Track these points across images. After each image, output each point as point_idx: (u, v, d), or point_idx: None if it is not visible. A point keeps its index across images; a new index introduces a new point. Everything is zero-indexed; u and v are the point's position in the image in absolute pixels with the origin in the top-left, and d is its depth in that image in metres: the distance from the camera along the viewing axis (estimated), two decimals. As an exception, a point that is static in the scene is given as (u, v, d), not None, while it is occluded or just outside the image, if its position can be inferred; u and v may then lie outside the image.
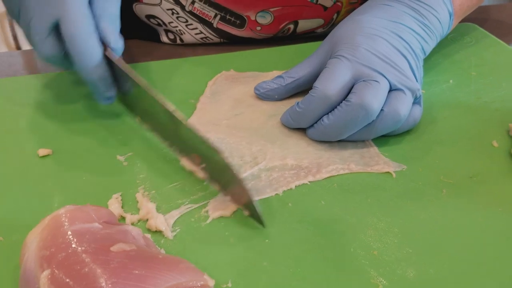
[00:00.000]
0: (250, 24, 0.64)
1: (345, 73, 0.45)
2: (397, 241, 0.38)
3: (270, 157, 0.46)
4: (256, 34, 0.66)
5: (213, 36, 0.66)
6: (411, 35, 0.49)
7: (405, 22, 0.50)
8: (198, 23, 0.64)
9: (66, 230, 0.32)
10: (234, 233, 0.39)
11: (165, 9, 0.64)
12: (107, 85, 0.47)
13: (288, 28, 0.66)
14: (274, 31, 0.65)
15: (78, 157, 0.46)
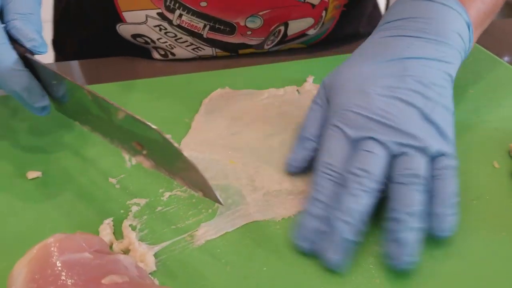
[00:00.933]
0: (240, 30, 0.63)
1: (339, 144, 0.41)
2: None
3: (267, 179, 0.44)
4: (248, 39, 0.65)
5: (204, 46, 0.65)
6: (421, 64, 0.43)
7: (412, 53, 0.43)
8: (188, 35, 0.63)
9: (55, 261, 0.31)
10: (230, 260, 0.37)
11: (151, 27, 0.62)
12: (36, 94, 0.43)
13: (278, 30, 0.65)
14: (265, 34, 0.65)
15: (69, 179, 0.45)
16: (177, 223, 0.40)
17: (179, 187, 0.44)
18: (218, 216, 0.41)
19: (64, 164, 0.46)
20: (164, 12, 0.61)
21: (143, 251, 0.37)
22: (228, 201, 0.42)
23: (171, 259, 0.37)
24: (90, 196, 0.43)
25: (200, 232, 0.39)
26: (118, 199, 0.42)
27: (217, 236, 0.39)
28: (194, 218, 0.41)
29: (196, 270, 0.36)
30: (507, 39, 0.75)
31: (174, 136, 0.50)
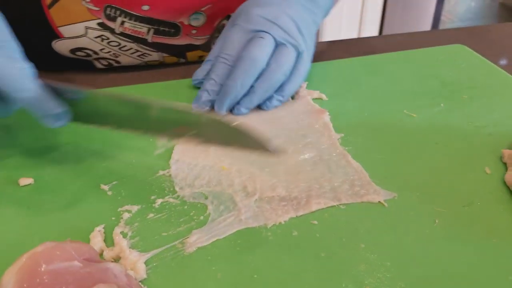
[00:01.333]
0: (185, 30, 0.63)
1: (236, 34, 0.54)
2: (390, 275, 0.37)
3: (259, 186, 0.44)
4: (194, 39, 0.65)
5: (150, 51, 0.64)
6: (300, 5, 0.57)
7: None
8: (132, 42, 0.62)
9: (43, 270, 0.31)
10: (220, 268, 0.37)
11: (92, 38, 0.61)
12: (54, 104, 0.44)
13: (222, 25, 0.65)
14: (209, 31, 0.65)
15: (61, 186, 0.45)
16: (169, 230, 0.40)
17: (171, 193, 0.44)
18: (209, 223, 0.41)
19: (56, 171, 0.46)
20: (105, 21, 0.59)
21: (133, 259, 0.37)
22: (220, 208, 0.42)
23: (162, 266, 0.37)
24: (81, 203, 0.43)
25: (191, 239, 0.39)
26: (110, 206, 0.42)
27: (208, 243, 0.39)
28: (186, 225, 0.41)
29: (187, 278, 0.36)
30: (503, 43, 0.75)
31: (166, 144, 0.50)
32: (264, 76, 0.53)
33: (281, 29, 0.54)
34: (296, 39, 0.54)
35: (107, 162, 0.47)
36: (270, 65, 0.53)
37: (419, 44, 0.72)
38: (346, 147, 0.49)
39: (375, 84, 0.61)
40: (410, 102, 0.57)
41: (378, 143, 0.50)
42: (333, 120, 0.53)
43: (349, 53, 0.70)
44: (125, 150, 0.49)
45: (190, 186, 0.44)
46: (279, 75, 0.53)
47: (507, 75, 0.63)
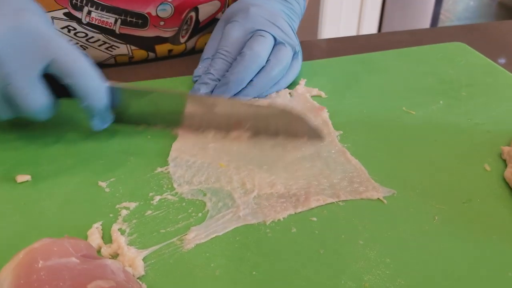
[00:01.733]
0: (152, 21, 0.63)
1: (237, 32, 0.55)
2: (389, 272, 0.36)
3: (258, 182, 0.44)
4: (162, 31, 0.64)
5: (118, 43, 0.64)
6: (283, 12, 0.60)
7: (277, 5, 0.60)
8: (99, 33, 0.62)
9: (40, 266, 0.31)
10: (219, 264, 0.37)
11: (59, 29, 0.60)
12: (110, 111, 0.48)
13: (190, 17, 0.65)
14: (177, 23, 0.65)
15: (58, 183, 0.44)
16: (167, 227, 0.40)
17: (169, 190, 0.43)
18: (208, 220, 0.41)
19: (54, 168, 0.46)
20: (71, 11, 0.59)
21: (131, 256, 0.37)
22: (218, 205, 0.42)
23: (160, 263, 0.37)
24: (79, 200, 0.42)
25: (189, 236, 0.39)
26: (108, 203, 0.42)
27: (207, 240, 0.39)
28: (184, 221, 0.40)
29: (185, 275, 0.36)
30: (502, 41, 0.75)
31: (164, 141, 0.49)
32: (264, 71, 0.54)
33: (280, 29, 0.56)
34: (293, 40, 0.57)
35: (105, 159, 0.47)
36: (270, 60, 0.54)
37: (418, 41, 0.72)
38: (345, 144, 0.49)
39: (374, 81, 0.61)
40: (409, 100, 0.57)
41: (377, 140, 0.50)
42: (332, 117, 0.53)
43: (348, 51, 0.70)
44: (123, 147, 0.49)
45: (189, 183, 0.44)
46: (278, 71, 0.55)
47: (506, 73, 0.63)
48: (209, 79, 0.54)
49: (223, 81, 0.54)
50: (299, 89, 0.58)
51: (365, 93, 0.59)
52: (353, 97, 0.58)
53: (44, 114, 0.45)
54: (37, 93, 0.43)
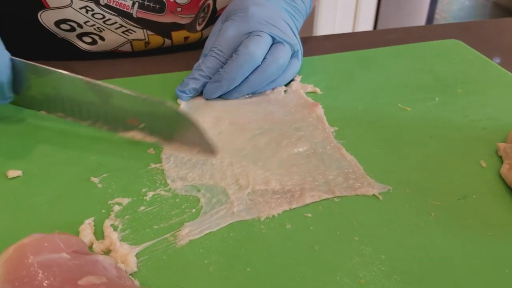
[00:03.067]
0: (170, 7, 0.62)
1: (233, 32, 0.54)
2: (384, 268, 0.36)
3: (252, 179, 0.44)
4: (179, 17, 0.64)
5: (135, 27, 0.63)
6: (285, 11, 0.59)
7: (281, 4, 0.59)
8: (117, 16, 0.61)
9: (30, 262, 0.30)
10: (213, 261, 0.36)
11: (77, 9, 0.60)
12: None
13: (208, 5, 0.65)
14: (195, 10, 0.64)
15: (50, 178, 0.44)
16: (160, 223, 0.39)
17: (162, 186, 0.43)
18: (201, 216, 0.40)
19: (46, 163, 0.45)
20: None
21: (124, 252, 0.36)
22: (212, 201, 0.42)
23: (153, 259, 0.36)
24: (71, 196, 0.42)
25: (183, 232, 0.39)
26: (100, 199, 0.41)
27: (200, 236, 0.38)
28: (178, 217, 0.40)
29: (178, 271, 0.36)
30: (497, 39, 0.75)
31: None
32: (259, 69, 0.54)
33: (278, 29, 0.55)
34: (292, 39, 0.56)
35: (98, 154, 0.46)
36: (266, 59, 0.54)
37: (413, 39, 0.72)
38: (341, 141, 0.49)
39: (369, 78, 0.61)
40: (404, 96, 0.57)
41: (373, 136, 0.50)
42: (327, 114, 0.53)
43: (343, 48, 0.69)
44: (115, 142, 0.48)
45: (182, 179, 0.44)
46: (274, 69, 0.54)
47: (501, 70, 0.63)
48: (199, 75, 0.54)
49: (216, 77, 0.53)
50: (294, 86, 0.58)
51: (360, 89, 0.58)
52: (348, 94, 0.57)
53: None
54: None
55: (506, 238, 0.39)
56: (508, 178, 0.44)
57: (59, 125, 0.50)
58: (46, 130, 0.49)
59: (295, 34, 0.57)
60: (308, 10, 0.65)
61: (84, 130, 0.49)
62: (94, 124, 0.48)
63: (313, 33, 1.89)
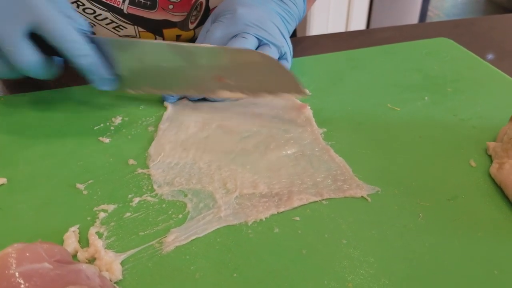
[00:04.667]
0: (161, 4, 0.62)
1: (220, 33, 0.54)
2: (373, 271, 0.36)
3: (240, 182, 0.43)
4: (170, 14, 0.64)
5: (125, 24, 0.63)
6: (276, 13, 0.58)
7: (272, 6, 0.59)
8: (107, 11, 0.61)
9: (12, 272, 0.29)
10: (199, 267, 0.36)
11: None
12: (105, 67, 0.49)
13: (200, 3, 0.65)
14: (187, 8, 0.64)
15: (35, 185, 0.43)
16: (146, 229, 0.39)
17: (149, 192, 0.42)
18: (188, 221, 0.40)
19: (31, 170, 0.45)
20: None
21: (109, 259, 0.36)
22: (199, 205, 0.41)
23: (138, 267, 0.36)
24: (56, 203, 0.41)
25: (169, 238, 0.38)
26: (85, 206, 0.41)
27: (187, 241, 0.38)
28: (164, 223, 0.39)
29: (164, 278, 0.35)
30: (488, 36, 0.75)
31: (144, 141, 0.49)
32: None
33: (265, 31, 0.55)
34: (279, 41, 0.55)
35: (83, 160, 0.46)
36: None
37: (405, 37, 0.71)
38: (329, 142, 0.49)
39: (359, 78, 0.60)
40: (394, 96, 0.56)
41: (362, 137, 0.50)
42: (316, 115, 0.52)
43: (335, 47, 0.69)
44: (101, 148, 0.47)
45: (169, 184, 0.43)
46: None
47: (491, 68, 0.62)
48: None
49: None
50: (283, 87, 0.57)
51: (349, 90, 0.58)
52: (337, 94, 0.57)
53: (39, 71, 0.48)
54: (23, 51, 0.46)
55: (496, 239, 0.38)
56: (497, 178, 0.43)
57: (44, 132, 0.49)
58: (31, 137, 0.49)
59: (284, 37, 0.57)
60: (302, 14, 0.64)
61: (69, 136, 0.49)
62: (182, 90, 0.51)
63: (306, 32, 1.89)
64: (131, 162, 0.46)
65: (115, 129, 0.50)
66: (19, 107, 0.53)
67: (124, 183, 0.43)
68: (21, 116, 0.52)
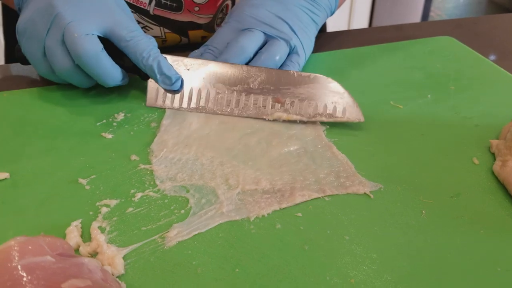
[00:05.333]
0: (187, 5, 0.63)
1: (227, 31, 0.55)
2: (375, 267, 0.36)
3: (242, 178, 0.43)
4: (196, 16, 0.65)
5: (152, 25, 0.64)
6: (297, 8, 0.58)
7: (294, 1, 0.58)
8: (134, 12, 0.62)
9: (14, 265, 0.29)
10: (201, 262, 0.36)
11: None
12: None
13: (226, 5, 0.65)
14: (213, 10, 0.65)
15: (37, 180, 0.43)
16: (148, 224, 0.39)
17: (151, 187, 0.42)
18: (190, 217, 0.40)
19: (33, 165, 0.45)
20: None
21: (111, 254, 0.36)
22: (201, 201, 0.41)
23: (141, 261, 0.36)
24: (58, 198, 0.41)
25: (171, 233, 0.38)
26: (88, 201, 0.41)
27: (189, 237, 0.38)
28: (166, 219, 0.39)
29: (166, 273, 0.35)
30: (491, 35, 0.75)
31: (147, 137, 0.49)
32: (253, 63, 0.53)
33: (272, 27, 0.55)
34: (288, 34, 0.55)
35: (86, 156, 0.46)
36: (261, 54, 0.54)
37: (407, 36, 0.71)
38: (332, 139, 0.48)
39: (361, 76, 0.60)
40: (396, 94, 0.56)
41: (364, 134, 0.49)
42: (318, 112, 0.52)
43: (338, 45, 0.69)
44: (104, 144, 0.47)
45: (171, 179, 0.43)
46: (270, 64, 0.54)
47: (494, 66, 0.62)
48: None
49: None
50: (285, 84, 0.57)
51: (352, 87, 0.57)
52: (340, 92, 0.57)
53: (111, 79, 0.50)
54: (91, 44, 0.48)
55: (499, 236, 0.38)
56: (500, 175, 0.43)
57: (46, 127, 0.49)
58: (34, 132, 0.49)
59: (294, 31, 0.56)
60: (334, 6, 0.63)
61: (72, 131, 0.49)
62: (239, 112, 0.51)
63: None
64: (134, 157, 0.46)
65: (118, 125, 0.50)
66: (22, 103, 0.53)
67: (127, 179, 0.43)
68: (24, 112, 0.51)
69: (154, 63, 0.49)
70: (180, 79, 0.51)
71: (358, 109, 0.50)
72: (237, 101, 0.51)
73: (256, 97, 0.51)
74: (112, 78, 0.50)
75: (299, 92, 0.50)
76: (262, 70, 0.51)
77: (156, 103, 0.52)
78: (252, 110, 0.51)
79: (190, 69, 0.51)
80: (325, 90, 0.50)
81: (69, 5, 0.48)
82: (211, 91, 0.51)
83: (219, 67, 0.51)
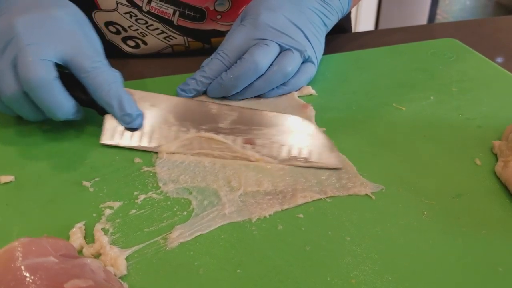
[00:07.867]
0: (210, 15, 0.64)
1: (241, 38, 0.53)
2: (376, 268, 0.36)
3: (244, 180, 0.44)
4: (219, 24, 0.65)
5: (176, 34, 0.65)
6: (311, 10, 0.57)
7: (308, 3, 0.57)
8: (158, 22, 0.63)
9: (17, 265, 0.30)
10: (203, 263, 0.36)
11: (122, 13, 0.62)
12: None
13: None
14: (234, 17, 0.65)
15: (42, 183, 0.44)
16: (151, 226, 0.39)
17: (154, 189, 0.43)
18: (193, 218, 0.40)
19: (38, 168, 0.45)
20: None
21: (114, 255, 0.36)
22: (204, 203, 0.41)
23: (143, 262, 0.36)
24: (62, 200, 0.42)
25: (174, 235, 0.38)
26: (91, 203, 0.41)
27: (191, 238, 0.38)
28: (169, 220, 0.40)
29: (168, 274, 0.35)
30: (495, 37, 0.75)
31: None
32: (264, 76, 0.53)
33: (288, 36, 0.53)
34: (303, 45, 0.54)
35: (90, 159, 0.46)
36: (272, 66, 0.53)
37: (412, 39, 0.71)
38: (334, 141, 0.49)
39: (365, 78, 0.60)
40: (399, 96, 0.56)
41: (367, 136, 0.50)
42: (321, 114, 0.53)
43: (342, 47, 0.69)
44: (108, 146, 0.48)
45: (174, 181, 0.44)
46: (279, 77, 0.53)
47: (496, 68, 0.62)
48: (201, 76, 0.54)
49: (218, 81, 0.53)
50: (288, 87, 0.57)
51: (355, 89, 0.58)
52: (343, 94, 0.57)
53: (62, 111, 0.45)
54: (43, 70, 0.43)
55: (500, 237, 0.38)
56: (502, 176, 0.43)
57: (51, 130, 0.50)
58: (38, 135, 0.49)
59: (308, 39, 0.55)
60: (346, 9, 0.62)
61: (76, 135, 0.49)
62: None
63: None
64: (137, 160, 0.46)
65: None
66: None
67: (130, 181, 0.44)
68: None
69: (114, 98, 0.46)
70: (141, 116, 0.48)
71: (336, 153, 0.46)
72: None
73: (225, 137, 0.47)
74: (62, 111, 0.45)
75: (272, 133, 0.48)
76: (235, 109, 0.49)
77: (112, 140, 0.47)
78: (216, 150, 0.47)
79: (156, 106, 0.49)
80: (300, 132, 0.48)
81: (30, 27, 0.45)
82: (174, 130, 0.48)
83: (189, 104, 0.49)
